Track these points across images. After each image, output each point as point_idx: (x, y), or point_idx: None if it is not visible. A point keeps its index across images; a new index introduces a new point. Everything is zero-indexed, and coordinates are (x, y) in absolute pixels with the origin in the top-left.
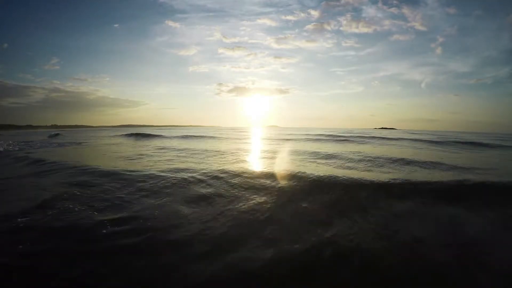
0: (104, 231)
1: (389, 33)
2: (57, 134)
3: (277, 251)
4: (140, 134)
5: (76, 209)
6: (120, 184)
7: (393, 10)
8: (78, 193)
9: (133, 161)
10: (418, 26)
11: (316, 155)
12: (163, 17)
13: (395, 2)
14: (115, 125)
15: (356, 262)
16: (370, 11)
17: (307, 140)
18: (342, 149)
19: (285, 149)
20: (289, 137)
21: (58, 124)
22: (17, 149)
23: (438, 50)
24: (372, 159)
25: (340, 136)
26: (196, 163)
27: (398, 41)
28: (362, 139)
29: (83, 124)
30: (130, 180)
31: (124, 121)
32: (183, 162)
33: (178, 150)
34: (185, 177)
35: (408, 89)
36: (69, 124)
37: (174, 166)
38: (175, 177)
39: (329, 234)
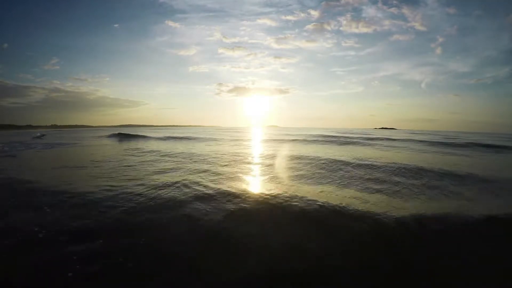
0: None
1: (389, 33)
2: (43, 135)
3: None
4: (124, 135)
5: None
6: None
7: (393, 10)
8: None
9: (91, 169)
10: (418, 26)
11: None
12: (163, 17)
13: (395, 2)
14: (115, 125)
15: None
16: (370, 11)
17: (308, 142)
18: (354, 155)
19: (280, 154)
20: (287, 138)
21: (58, 124)
22: None
23: (438, 50)
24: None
25: (345, 137)
26: (155, 171)
27: (398, 41)
28: (367, 141)
29: (83, 124)
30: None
31: (124, 121)
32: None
33: (146, 152)
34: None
35: (408, 89)
36: (69, 124)
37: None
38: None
39: None
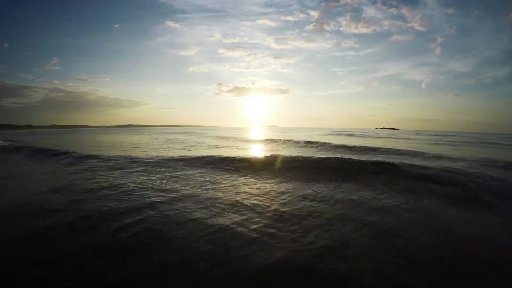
0: None
1: (388, 33)
2: None
3: None
4: (19, 148)
5: None
6: None
7: (392, 10)
8: None
9: None
10: (417, 26)
11: None
12: (164, 18)
13: (394, 2)
14: (115, 125)
15: None
16: (369, 11)
17: (327, 171)
18: None
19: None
20: (278, 147)
21: (58, 124)
22: None
23: (438, 50)
24: None
25: (369, 149)
26: None
27: (398, 41)
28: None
29: (83, 124)
30: None
31: (124, 121)
32: None
33: None
34: None
35: (408, 89)
36: (69, 124)
37: None
38: None
39: None
